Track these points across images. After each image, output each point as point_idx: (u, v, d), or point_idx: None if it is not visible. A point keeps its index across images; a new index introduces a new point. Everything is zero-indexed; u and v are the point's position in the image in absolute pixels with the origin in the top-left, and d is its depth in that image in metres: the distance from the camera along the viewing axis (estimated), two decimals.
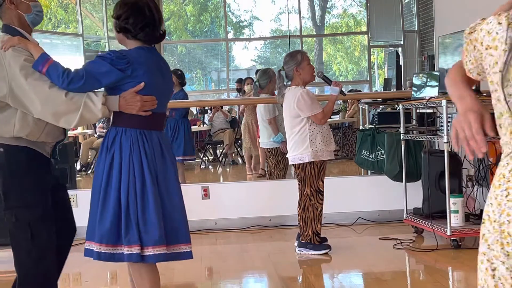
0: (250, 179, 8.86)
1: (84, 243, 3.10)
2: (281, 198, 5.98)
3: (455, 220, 4.92)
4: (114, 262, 3.06)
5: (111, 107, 2.95)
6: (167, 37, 16.72)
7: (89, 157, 10.80)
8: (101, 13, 15.42)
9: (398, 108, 5.81)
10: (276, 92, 5.15)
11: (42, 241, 2.97)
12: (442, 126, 5.00)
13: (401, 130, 5.58)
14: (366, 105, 7.33)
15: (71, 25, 14.51)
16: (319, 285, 4.45)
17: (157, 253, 2.98)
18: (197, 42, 17.95)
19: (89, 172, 10.55)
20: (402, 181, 5.62)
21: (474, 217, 5.19)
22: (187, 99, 8.27)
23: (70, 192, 5.96)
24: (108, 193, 2.99)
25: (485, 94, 4.98)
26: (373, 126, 6.51)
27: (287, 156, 5.23)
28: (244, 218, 6.06)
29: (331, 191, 5.41)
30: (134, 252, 2.95)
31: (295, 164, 5.07)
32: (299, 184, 5.05)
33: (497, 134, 1.64)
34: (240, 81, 12.24)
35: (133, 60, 2.95)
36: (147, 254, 2.97)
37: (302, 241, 5.04)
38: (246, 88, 9.83)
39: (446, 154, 4.87)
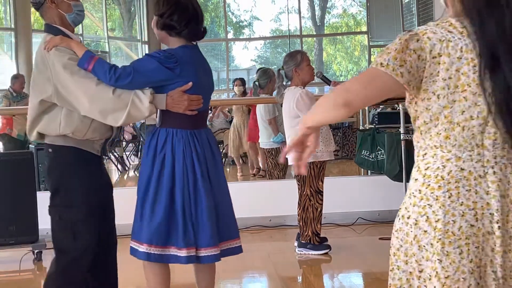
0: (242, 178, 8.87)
1: None
2: (281, 198, 5.98)
3: None
4: (163, 262, 3.05)
5: (158, 105, 2.92)
6: None
7: None
8: (101, 13, 15.42)
9: (398, 108, 5.81)
10: (275, 92, 5.15)
11: (83, 242, 2.96)
12: None
13: (401, 130, 5.58)
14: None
15: None
16: (319, 285, 4.45)
17: (210, 254, 3.00)
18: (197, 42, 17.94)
19: None
20: (402, 181, 5.61)
21: None
22: None
23: None
24: (159, 195, 2.97)
25: None
26: (373, 126, 6.51)
27: (286, 156, 5.23)
28: (244, 218, 6.05)
29: (331, 191, 5.40)
30: (192, 254, 2.96)
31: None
32: (298, 185, 5.05)
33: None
34: (241, 80, 12.22)
35: (181, 60, 2.94)
36: (202, 255, 2.99)
37: (302, 241, 5.04)
38: (236, 89, 9.83)
39: None
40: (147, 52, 14.75)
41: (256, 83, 6.78)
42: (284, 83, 5.09)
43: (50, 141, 2.97)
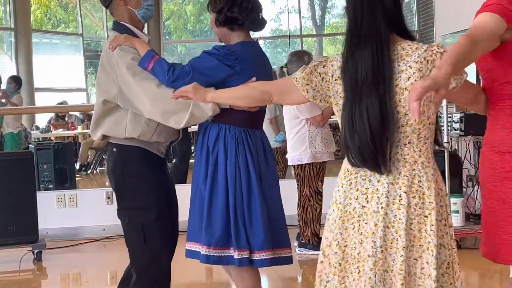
0: None
1: (82, 243, 3.06)
2: (281, 198, 5.96)
3: (455, 220, 4.91)
4: (223, 265, 2.98)
5: (222, 104, 2.79)
6: (167, 37, 16.77)
7: (89, 157, 10.80)
8: (101, 13, 15.41)
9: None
10: None
11: (156, 243, 2.91)
12: (442, 126, 4.99)
13: None
14: None
15: (70, 24, 14.51)
16: None
17: (263, 257, 2.87)
18: (197, 42, 17.94)
19: (88, 172, 10.56)
20: None
21: (474, 217, 5.19)
22: None
23: (70, 192, 5.98)
24: (215, 195, 2.85)
25: None
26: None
27: (286, 156, 5.23)
28: None
29: (331, 191, 5.37)
30: (244, 256, 2.84)
31: (294, 165, 5.07)
32: (298, 185, 5.05)
33: None
34: None
35: (241, 56, 2.82)
36: (255, 258, 2.87)
37: (302, 241, 5.04)
38: None
39: (446, 154, 4.86)
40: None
41: None
42: None
43: (116, 140, 2.91)
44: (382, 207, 2.06)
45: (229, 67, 2.78)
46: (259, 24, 2.98)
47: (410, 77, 2.04)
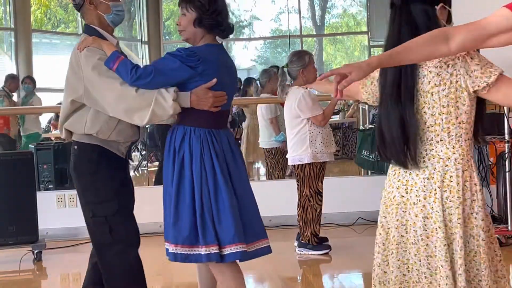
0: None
1: (82, 243, 3.10)
2: (281, 198, 5.97)
3: None
4: (190, 262, 3.03)
5: (183, 103, 2.89)
6: (167, 37, 16.77)
7: None
8: None
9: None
10: (279, 89, 5.13)
11: (121, 236, 2.99)
12: None
13: None
14: (366, 105, 7.33)
15: (70, 24, 14.50)
16: (318, 285, 4.45)
17: (235, 251, 2.94)
18: None
19: None
20: None
21: None
22: None
23: (70, 192, 5.98)
24: (181, 194, 2.96)
25: None
26: (373, 126, 6.50)
27: (286, 156, 5.23)
28: None
29: (331, 191, 5.40)
30: (213, 252, 2.91)
31: (294, 165, 5.07)
32: (298, 185, 5.05)
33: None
34: (239, 80, 12.22)
35: (204, 58, 2.91)
36: (226, 253, 2.94)
37: (302, 241, 5.04)
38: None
39: None
40: (146, 52, 14.80)
41: (257, 82, 6.78)
42: (287, 82, 5.08)
43: (77, 138, 3.02)
44: (420, 199, 2.29)
45: (191, 68, 2.88)
46: (232, 31, 3.13)
47: (430, 81, 2.24)
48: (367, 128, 6.90)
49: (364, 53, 17.03)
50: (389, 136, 2.30)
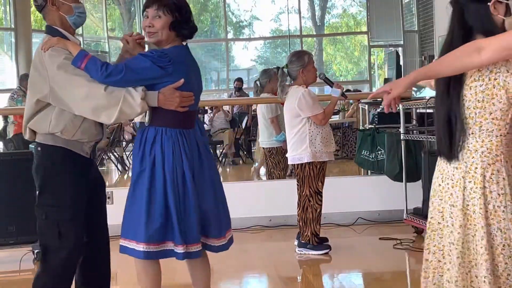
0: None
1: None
2: (281, 198, 5.98)
3: None
4: (161, 258, 3.11)
5: (150, 102, 2.94)
6: None
7: None
8: (101, 13, 15.42)
9: (398, 108, 5.81)
10: (279, 90, 5.14)
11: (70, 242, 2.99)
12: None
13: (401, 130, 5.58)
14: (366, 105, 7.33)
15: None
16: (319, 285, 4.45)
17: (197, 250, 3.07)
18: (197, 42, 17.92)
19: None
20: (402, 181, 5.62)
21: None
22: None
23: None
24: (153, 194, 3.00)
25: None
26: (373, 126, 6.51)
27: (286, 155, 5.23)
28: (244, 218, 6.06)
29: (331, 191, 5.40)
30: (188, 250, 3.03)
31: (294, 164, 5.07)
32: (298, 185, 5.05)
33: None
34: (239, 80, 12.23)
35: (174, 59, 2.96)
36: (192, 251, 3.05)
37: (302, 241, 5.04)
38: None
39: None
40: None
41: (257, 82, 6.78)
42: (287, 82, 5.09)
43: (40, 140, 3.02)
44: (448, 187, 2.40)
45: (161, 68, 2.93)
46: (194, 33, 3.18)
47: (472, 75, 2.30)
48: (367, 128, 6.90)
49: (364, 53, 17.03)
50: (437, 128, 2.41)
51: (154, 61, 2.92)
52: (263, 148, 7.02)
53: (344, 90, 5.11)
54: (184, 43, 3.14)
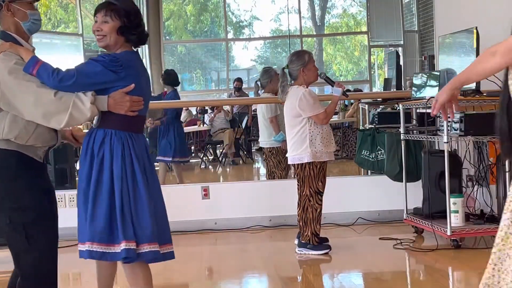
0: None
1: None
2: (281, 198, 5.98)
3: (455, 220, 4.91)
4: (106, 260, 3.09)
5: (100, 106, 2.98)
6: (167, 37, 16.76)
7: None
8: None
9: (398, 108, 5.81)
10: (279, 90, 5.13)
11: (39, 243, 2.99)
12: (442, 126, 5.00)
13: (401, 130, 5.58)
14: (366, 105, 7.33)
15: (70, 25, 14.51)
16: (319, 285, 4.45)
17: (152, 250, 3.02)
18: (197, 42, 17.95)
19: None
20: (402, 181, 5.62)
21: (474, 217, 5.19)
22: (179, 99, 8.28)
23: (70, 192, 5.98)
24: (100, 194, 3.03)
25: (485, 94, 4.99)
26: (373, 126, 6.50)
27: (286, 155, 5.23)
28: (244, 218, 6.06)
29: (331, 191, 5.40)
30: (131, 247, 2.98)
31: (294, 164, 5.07)
32: (298, 185, 5.05)
33: None
34: (239, 80, 12.23)
35: (126, 63, 3.01)
36: (142, 251, 3.02)
37: (302, 241, 5.04)
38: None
39: (446, 154, 4.86)
40: (146, 52, 14.79)
41: (258, 82, 6.78)
42: (288, 82, 5.08)
43: None
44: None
45: (113, 72, 2.97)
46: (146, 41, 3.22)
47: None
48: (367, 128, 6.90)
49: (364, 53, 17.02)
50: (499, 127, 2.36)
51: (105, 66, 2.96)
52: (264, 148, 7.01)
53: (345, 90, 5.11)
54: (135, 49, 3.20)
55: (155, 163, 7.98)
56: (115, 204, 3.01)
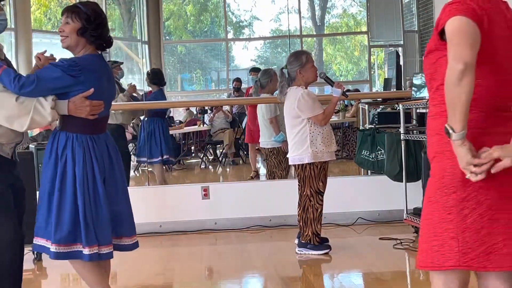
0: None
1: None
2: (281, 198, 5.98)
3: None
4: (70, 259, 3.26)
5: (61, 111, 3.09)
6: (167, 37, 16.75)
7: None
8: None
9: (398, 108, 5.81)
10: (278, 91, 5.13)
11: (2, 235, 3.08)
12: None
13: (401, 130, 5.58)
14: (366, 105, 7.33)
15: None
16: (319, 285, 4.45)
17: (109, 251, 3.27)
18: (197, 42, 17.94)
19: None
20: (402, 181, 5.61)
21: None
22: (165, 99, 8.25)
23: None
24: (63, 197, 3.17)
25: None
26: (373, 126, 6.50)
27: (287, 156, 5.23)
28: (244, 218, 6.06)
29: (331, 191, 5.39)
30: (94, 252, 3.19)
31: (295, 165, 5.07)
32: (299, 185, 5.05)
33: None
34: (238, 80, 12.22)
35: (85, 67, 3.11)
36: (103, 252, 3.24)
37: (302, 241, 5.04)
38: None
39: None
40: (146, 52, 14.79)
41: (258, 83, 6.78)
42: (287, 82, 5.08)
43: None
44: None
45: (72, 77, 3.08)
46: (111, 45, 3.32)
47: None
48: (367, 128, 6.90)
49: (364, 53, 17.02)
50: None
51: (64, 70, 3.06)
52: (264, 148, 6.99)
53: (345, 90, 5.10)
54: (99, 52, 3.28)
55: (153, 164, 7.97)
56: (79, 209, 3.17)
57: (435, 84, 2.32)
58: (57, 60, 3.22)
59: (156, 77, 7.87)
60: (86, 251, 3.19)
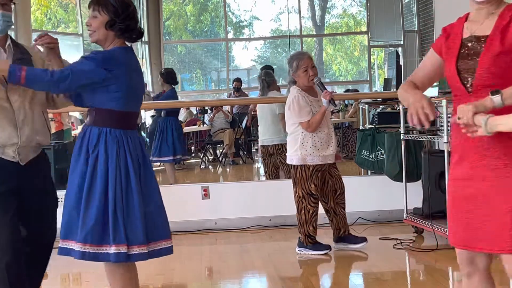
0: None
1: None
2: (281, 198, 5.97)
3: None
4: (98, 261, 3.07)
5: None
6: (167, 37, 16.75)
7: None
8: None
9: (398, 108, 5.81)
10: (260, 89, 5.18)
11: None
12: (442, 126, 5.00)
13: (401, 130, 5.58)
14: (366, 105, 7.33)
15: (71, 24, 14.50)
16: (319, 285, 4.45)
17: (141, 252, 3.04)
18: (197, 42, 17.94)
19: None
20: (402, 181, 5.61)
21: None
22: (177, 98, 8.28)
23: None
24: (92, 194, 3.00)
25: None
26: (373, 126, 6.50)
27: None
28: (244, 218, 6.06)
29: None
30: (122, 251, 2.98)
31: (290, 164, 5.08)
32: (292, 185, 5.06)
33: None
34: (238, 80, 12.23)
35: (118, 60, 3.01)
36: (134, 253, 3.02)
37: (302, 241, 5.04)
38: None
39: (446, 154, 4.86)
40: (146, 52, 14.79)
41: (264, 82, 6.80)
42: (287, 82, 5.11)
43: None
44: None
45: (106, 70, 2.97)
46: (141, 36, 3.20)
47: None
48: (367, 128, 6.90)
49: (364, 53, 17.02)
50: None
51: (97, 64, 2.96)
52: (268, 145, 6.90)
53: (332, 98, 4.92)
54: (129, 44, 3.17)
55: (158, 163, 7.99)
56: (108, 206, 2.99)
57: None
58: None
59: (170, 77, 8.04)
60: (112, 249, 2.97)
